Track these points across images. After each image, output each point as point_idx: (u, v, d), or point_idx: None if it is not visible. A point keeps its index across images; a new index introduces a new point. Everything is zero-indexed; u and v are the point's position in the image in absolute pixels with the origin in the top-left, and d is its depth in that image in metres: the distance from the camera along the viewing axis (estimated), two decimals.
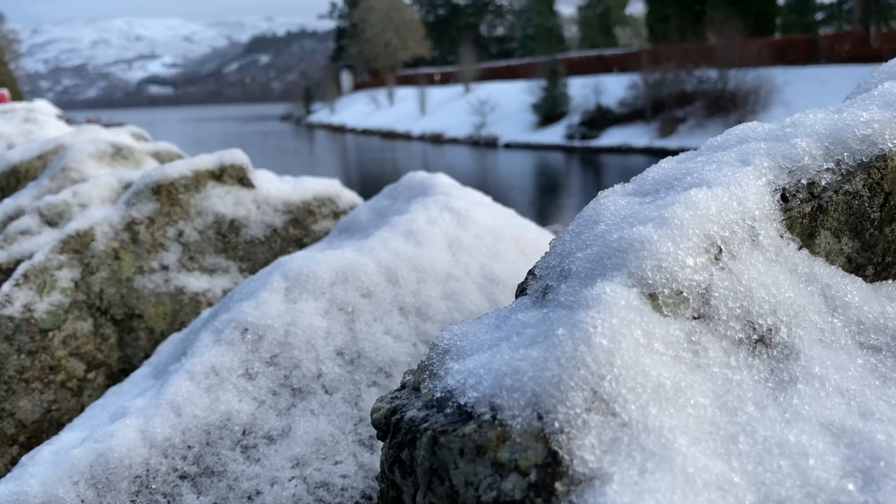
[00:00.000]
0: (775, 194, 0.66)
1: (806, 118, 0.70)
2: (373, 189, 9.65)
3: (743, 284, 0.59)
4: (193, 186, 1.49)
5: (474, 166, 42.56)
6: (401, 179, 1.38)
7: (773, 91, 40.55)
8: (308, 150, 63.52)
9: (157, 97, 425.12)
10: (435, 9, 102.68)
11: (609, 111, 47.20)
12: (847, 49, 43.39)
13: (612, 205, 0.68)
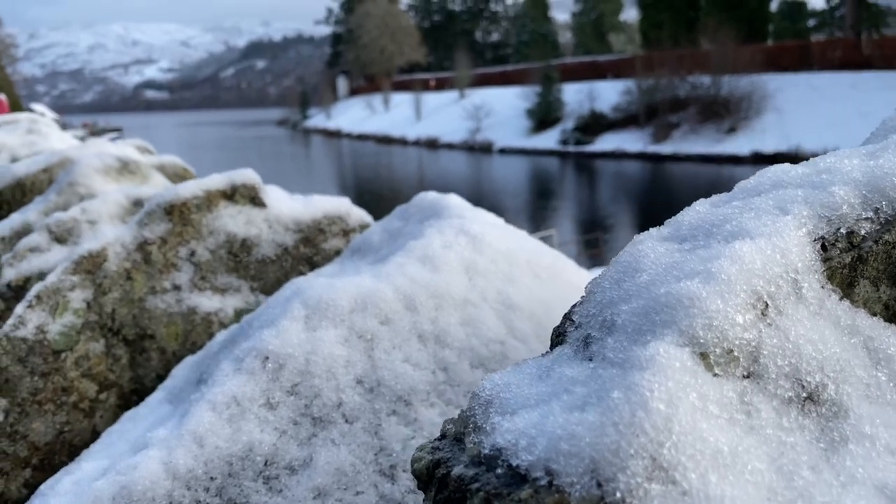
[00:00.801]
0: (815, 244, 0.66)
1: (841, 164, 0.70)
2: (370, 193, 9.82)
3: (791, 341, 0.59)
4: (205, 206, 1.49)
5: (469, 171, 42.62)
6: (412, 200, 1.38)
7: (766, 97, 40.78)
8: (304, 154, 63.51)
9: (154, 102, 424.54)
10: (430, 15, 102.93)
11: (603, 117, 47.41)
12: (839, 55, 43.67)
13: (650, 251, 0.68)
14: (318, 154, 63.68)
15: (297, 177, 44.01)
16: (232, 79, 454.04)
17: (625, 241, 7.78)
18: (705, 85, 43.45)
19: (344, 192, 38.98)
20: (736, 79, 41.31)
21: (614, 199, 29.99)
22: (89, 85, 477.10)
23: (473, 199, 8.41)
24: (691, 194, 6.92)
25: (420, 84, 76.03)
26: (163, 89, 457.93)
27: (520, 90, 54.91)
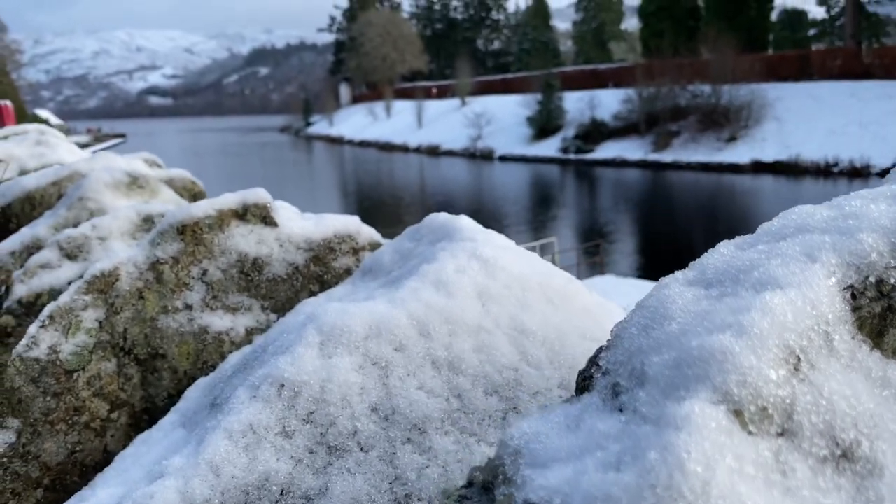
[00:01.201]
0: (845, 293, 0.66)
1: (867, 208, 0.70)
2: (371, 200, 9.83)
3: (824, 397, 0.58)
4: (217, 226, 1.50)
5: (470, 178, 42.70)
6: (423, 221, 1.39)
7: (766, 106, 40.89)
8: (307, 161, 63.67)
9: (157, 108, 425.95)
10: (432, 23, 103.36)
11: (604, 125, 47.53)
12: (839, 65, 43.78)
13: (678, 297, 0.68)
14: (320, 161, 63.87)
15: (299, 183, 44.10)
16: (235, 85, 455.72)
17: (625, 249, 7.84)
18: (706, 94, 43.57)
19: (346, 199, 39.02)
20: (736, 88, 41.42)
21: (615, 206, 30.01)
22: (94, 91, 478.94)
23: (475, 207, 8.57)
24: (691, 202, 7.06)
25: (422, 92, 76.29)
26: (166, 95, 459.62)
27: (521, 98, 55.07)
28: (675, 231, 24.48)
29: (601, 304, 1.24)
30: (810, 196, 17.67)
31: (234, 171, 53.12)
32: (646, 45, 60.10)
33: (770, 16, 56.59)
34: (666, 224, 25.91)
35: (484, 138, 56.11)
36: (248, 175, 48.76)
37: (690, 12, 60.01)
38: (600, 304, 1.24)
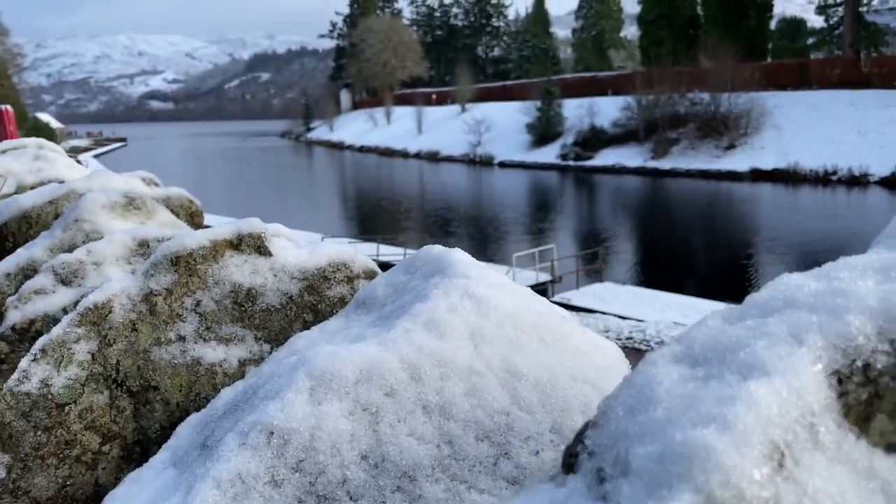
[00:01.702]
0: (831, 378, 0.65)
1: (856, 285, 0.69)
2: (371, 205, 9.84)
3: (808, 496, 0.57)
4: (211, 256, 1.50)
5: (470, 184, 42.77)
6: (417, 253, 1.39)
7: (765, 114, 41.01)
8: (307, 165, 63.79)
9: (158, 112, 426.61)
10: (433, 30, 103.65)
11: (603, 132, 47.65)
12: (837, 73, 43.93)
13: (664, 378, 0.67)
14: (320, 166, 63.94)
15: (299, 188, 44.13)
16: (236, 90, 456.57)
17: (624, 256, 7.85)
18: (705, 102, 43.70)
19: (346, 204, 38.84)
20: (735, 96, 41.56)
21: (613, 213, 30.04)
22: (95, 95, 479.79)
23: (474, 213, 8.58)
24: (690, 209, 7.08)
25: (422, 98, 76.49)
26: (167, 100, 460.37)
27: (520, 105, 55.23)
28: (674, 238, 24.49)
29: (594, 343, 1.23)
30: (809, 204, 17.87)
31: (235, 175, 53.16)
32: (645, 53, 60.31)
33: (769, 24, 56.82)
34: (664, 231, 25.93)
35: (484, 144, 56.26)
36: (248, 180, 48.80)
37: (690, 21, 60.24)
38: (593, 342, 1.23)
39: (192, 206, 2.96)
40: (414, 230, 26.72)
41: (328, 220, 29.13)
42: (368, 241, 19.80)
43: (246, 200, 36.16)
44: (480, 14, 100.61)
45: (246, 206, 31.94)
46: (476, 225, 27.37)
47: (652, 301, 14.03)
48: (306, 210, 32.58)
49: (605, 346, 1.23)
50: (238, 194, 40.08)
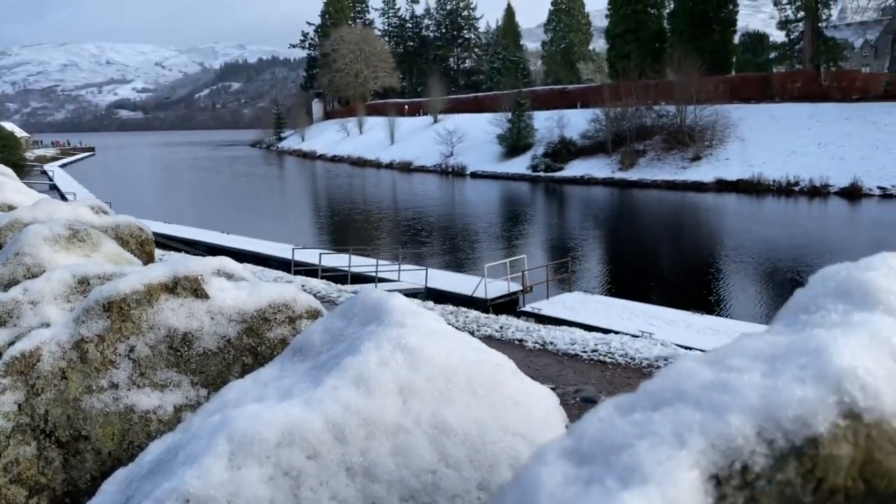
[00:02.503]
0: (709, 483, 0.65)
1: (741, 381, 0.70)
2: (343, 213, 9.78)
3: None
4: (146, 300, 1.47)
5: (442, 194, 42.86)
6: (355, 297, 1.38)
7: (729, 126, 41.87)
8: (277, 175, 63.25)
9: (127, 121, 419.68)
10: (405, 41, 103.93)
11: (572, 143, 48.22)
12: (798, 87, 45.12)
13: (549, 479, 0.67)
14: (291, 175, 63.50)
15: (270, 198, 43.73)
16: (206, 100, 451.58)
17: (593, 265, 7.90)
18: (671, 114, 44.49)
19: (317, 214, 38.56)
20: (700, 108, 42.38)
21: (583, 223, 30.35)
22: (62, 103, 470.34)
23: (446, 223, 8.57)
24: (657, 219, 7.17)
25: (394, 108, 76.55)
26: (137, 109, 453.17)
27: (492, 116, 55.63)
28: (642, 248, 24.83)
29: (528, 392, 1.23)
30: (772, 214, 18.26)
31: (204, 185, 52.51)
32: (613, 66, 61.26)
33: (733, 39, 58.18)
34: (633, 241, 26.29)
35: (456, 155, 56.48)
36: (218, 190, 48.23)
37: (656, 35, 61.38)
38: (528, 390, 1.23)
39: (142, 234, 2.91)
40: (386, 240, 26.65)
41: (299, 231, 28.89)
42: (340, 251, 19.68)
43: (215, 211, 35.71)
44: (452, 26, 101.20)
45: (215, 216, 31.52)
46: (448, 235, 27.43)
47: (620, 311, 14.19)
48: (277, 220, 32.28)
49: (540, 395, 1.23)
50: (207, 205, 39.58)
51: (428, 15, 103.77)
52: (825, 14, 49.50)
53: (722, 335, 12.45)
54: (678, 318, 13.64)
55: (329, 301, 8.15)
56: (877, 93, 41.36)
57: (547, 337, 6.52)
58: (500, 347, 6.08)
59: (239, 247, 22.95)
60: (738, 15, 57.02)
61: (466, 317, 7.46)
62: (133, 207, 33.09)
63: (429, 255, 22.99)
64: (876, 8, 47.49)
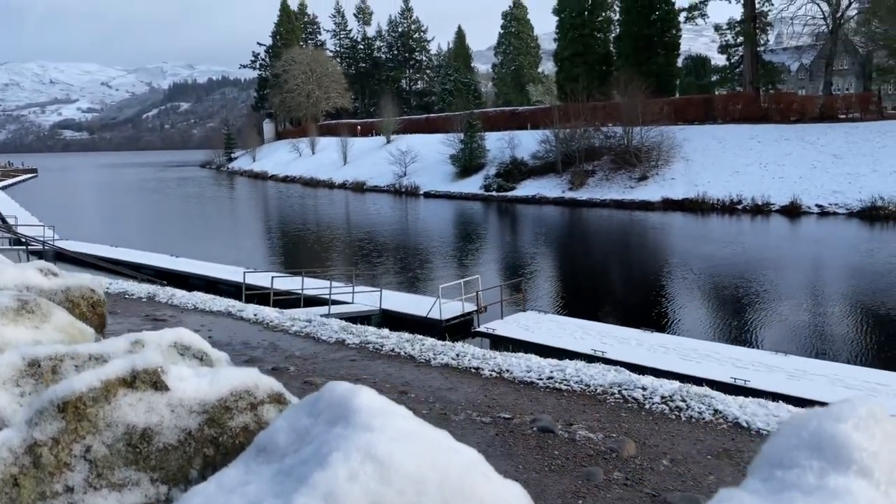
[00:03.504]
0: None
1: None
2: (295, 235, 9.76)
3: None
4: (103, 397, 1.43)
5: (396, 214, 42.86)
6: (321, 392, 1.37)
7: (675, 147, 43.26)
8: (228, 196, 62.25)
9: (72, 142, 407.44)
10: (357, 62, 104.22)
11: (524, 164, 49.06)
12: (740, 109, 46.96)
13: None
14: (242, 196, 62.56)
15: (220, 219, 42.95)
16: (155, 120, 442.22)
17: (546, 284, 8.15)
18: (618, 135, 45.71)
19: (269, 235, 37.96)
20: (646, 130, 43.67)
21: (535, 242, 30.77)
22: (2, 124, 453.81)
23: (400, 242, 8.63)
24: (607, 238, 7.45)
25: (347, 129, 76.51)
26: (82, 129, 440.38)
27: (444, 137, 56.17)
28: (593, 266, 25.32)
29: (499, 495, 1.23)
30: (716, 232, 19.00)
31: (152, 208, 51.24)
32: (561, 88, 62.71)
33: (676, 62, 60.34)
34: (584, 259, 26.80)
35: (409, 175, 56.72)
36: (167, 212, 47.12)
37: (603, 58, 63.19)
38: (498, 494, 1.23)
39: (94, 295, 2.82)
40: (340, 262, 26.47)
41: (250, 253, 28.47)
42: (293, 274, 19.45)
43: (164, 234, 34.86)
44: (403, 48, 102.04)
45: (164, 239, 30.78)
46: (402, 255, 27.41)
47: (573, 329, 14.44)
48: (228, 243, 31.71)
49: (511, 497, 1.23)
50: (155, 227, 38.63)
51: (380, 37, 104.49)
52: (763, 39, 51.80)
53: (672, 353, 12.79)
54: (629, 335, 13.95)
55: (282, 331, 8.03)
56: (813, 114, 43.41)
57: (503, 364, 6.55)
58: (457, 376, 6.11)
59: (189, 270, 22.47)
60: (682, 39, 59.25)
61: (423, 344, 7.44)
62: (78, 231, 32.01)
63: (383, 276, 22.92)
64: (810, 33, 49.91)
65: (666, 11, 56.80)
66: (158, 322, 8.15)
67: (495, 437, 4.41)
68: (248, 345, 7.15)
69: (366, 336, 7.59)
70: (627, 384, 5.60)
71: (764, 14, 50.34)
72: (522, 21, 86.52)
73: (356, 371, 6.11)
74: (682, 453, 4.28)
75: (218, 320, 8.46)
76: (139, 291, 10.52)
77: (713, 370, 11.67)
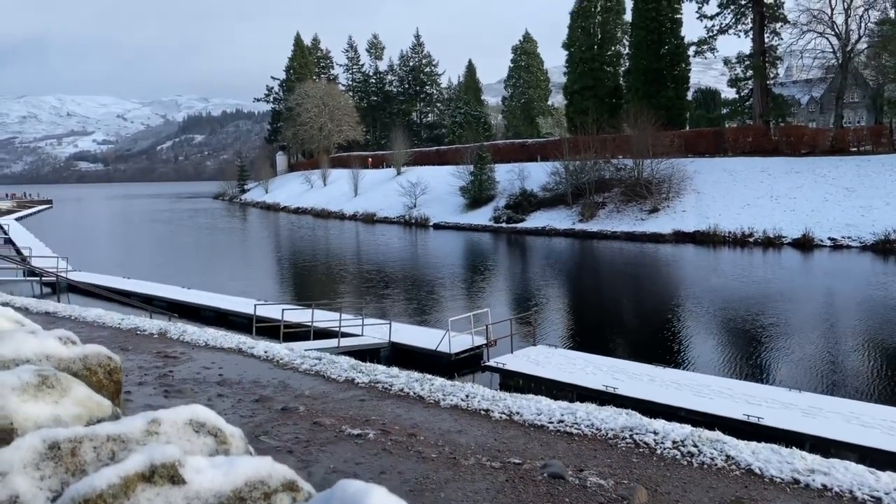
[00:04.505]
0: None
1: None
2: (307, 266, 9.92)
3: None
4: (122, 493, 1.48)
5: (406, 245, 43.04)
6: (334, 488, 1.42)
7: (685, 179, 43.30)
8: (240, 227, 62.83)
9: (87, 173, 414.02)
10: (368, 96, 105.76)
11: (533, 195, 49.24)
12: (750, 141, 47.06)
13: None
14: (254, 227, 63.08)
15: (232, 250, 43.28)
16: (169, 152, 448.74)
17: (556, 318, 8.27)
18: (628, 167, 45.85)
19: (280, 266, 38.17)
20: (657, 162, 43.78)
21: (545, 274, 30.70)
22: (20, 155, 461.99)
23: (410, 274, 8.76)
24: (618, 270, 7.51)
25: (358, 161, 77.27)
26: (97, 161, 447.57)
27: (454, 169, 56.60)
28: (604, 299, 25.20)
29: None
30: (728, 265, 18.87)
31: (165, 239, 51.76)
32: (571, 121, 63.18)
33: (686, 95, 60.74)
34: (594, 292, 26.67)
35: (419, 207, 57.05)
36: (179, 244, 47.57)
37: (613, 91, 63.75)
38: None
39: (111, 363, 2.90)
40: (349, 293, 26.54)
41: (262, 285, 28.60)
42: (303, 306, 19.50)
43: (176, 265, 35.16)
44: (414, 81, 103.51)
45: (176, 270, 31.04)
46: (412, 287, 27.43)
47: (584, 364, 14.26)
48: (239, 274, 31.90)
49: None
50: (167, 259, 38.98)
51: (391, 71, 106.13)
52: (772, 72, 52.13)
53: (684, 389, 12.60)
54: (641, 371, 13.74)
55: (292, 369, 8.07)
56: (824, 147, 43.42)
57: (513, 406, 6.53)
58: (467, 418, 6.10)
59: (200, 302, 22.57)
60: (691, 72, 59.74)
61: (432, 384, 7.45)
62: (91, 262, 32.39)
63: (392, 308, 22.91)
64: (820, 66, 50.18)
65: (675, 46, 57.35)
66: (170, 359, 8.21)
67: (505, 483, 4.36)
68: (258, 383, 7.17)
69: (375, 375, 7.60)
70: (639, 428, 5.56)
71: (773, 48, 50.72)
72: (532, 55, 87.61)
73: (365, 412, 6.10)
74: (695, 501, 4.23)
75: (229, 357, 8.50)
76: (151, 327, 10.59)
77: (726, 407, 11.49)
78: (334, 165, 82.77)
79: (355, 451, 4.88)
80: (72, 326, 10.50)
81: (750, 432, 10.18)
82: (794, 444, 9.04)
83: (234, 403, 6.29)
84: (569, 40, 65.37)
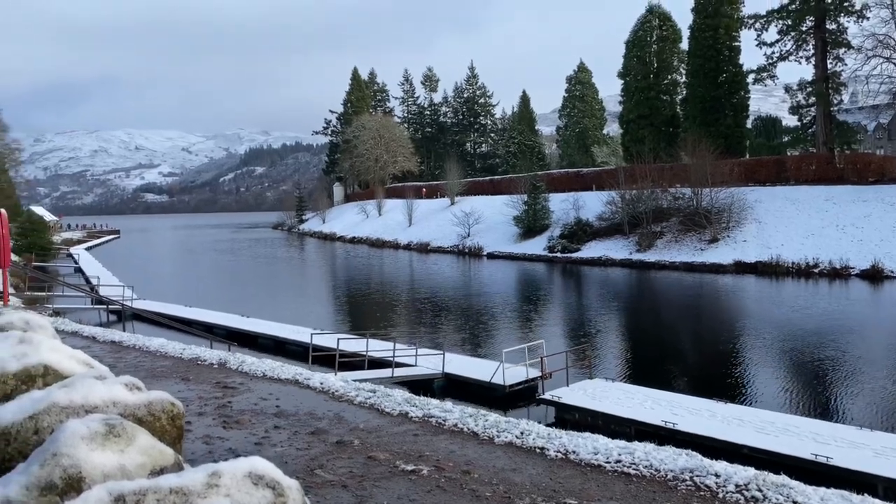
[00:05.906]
0: None
1: None
2: (361, 295, 10.16)
3: None
4: None
5: (460, 275, 43.12)
6: None
7: (746, 208, 42.10)
8: (298, 257, 64.30)
9: (153, 204, 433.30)
10: (423, 127, 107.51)
11: (588, 225, 48.67)
12: (813, 169, 45.51)
13: None
14: (311, 257, 64.38)
15: (289, 279, 44.26)
16: (231, 183, 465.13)
17: (613, 351, 8.14)
18: (687, 196, 44.90)
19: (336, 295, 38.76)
20: (716, 191, 42.75)
21: (601, 305, 30.17)
22: (90, 187, 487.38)
23: (464, 304, 8.91)
24: (677, 302, 7.35)
25: (412, 191, 78.24)
26: (162, 192, 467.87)
27: (508, 198, 56.61)
28: (662, 332, 24.55)
29: None
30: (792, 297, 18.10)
31: (225, 267, 53.38)
32: (627, 150, 62.50)
33: (745, 123, 59.34)
34: (652, 324, 26.02)
35: (472, 236, 57.19)
36: (239, 272, 48.97)
37: (669, 120, 62.88)
38: None
39: (174, 408, 3.02)
40: (403, 322, 26.72)
41: (318, 314, 29.08)
42: (358, 336, 19.72)
43: (235, 294, 36.14)
44: (469, 112, 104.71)
45: (235, 299, 31.95)
46: (465, 317, 27.37)
47: (642, 399, 13.88)
48: (296, 303, 32.55)
49: None
50: (227, 287, 40.16)
51: (446, 102, 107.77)
52: (836, 99, 50.51)
53: (747, 425, 12.06)
54: (701, 406, 13.29)
55: (347, 401, 8.15)
56: (893, 175, 41.61)
57: (569, 445, 6.40)
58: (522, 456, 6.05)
59: (258, 330, 23.12)
60: (750, 100, 58.44)
61: (486, 420, 7.39)
62: (155, 291, 33.68)
63: (446, 339, 22.87)
64: (887, 91, 48.28)
65: (734, 73, 56.31)
66: (228, 389, 8.42)
67: None
68: (313, 415, 7.26)
69: (429, 409, 7.58)
70: (699, 470, 5.38)
71: (837, 74, 49.22)
72: (587, 84, 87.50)
73: (419, 447, 6.09)
74: None
75: (285, 388, 8.64)
76: (211, 357, 10.88)
77: (792, 445, 10.96)
78: (389, 196, 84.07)
79: (409, 488, 4.88)
80: (136, 356, 10.94)
81: (818, 473, 9.69)
82: (866, 486, 8.56)
83: (291, 435, 6.39)
84: (624, 69, 65.07)
